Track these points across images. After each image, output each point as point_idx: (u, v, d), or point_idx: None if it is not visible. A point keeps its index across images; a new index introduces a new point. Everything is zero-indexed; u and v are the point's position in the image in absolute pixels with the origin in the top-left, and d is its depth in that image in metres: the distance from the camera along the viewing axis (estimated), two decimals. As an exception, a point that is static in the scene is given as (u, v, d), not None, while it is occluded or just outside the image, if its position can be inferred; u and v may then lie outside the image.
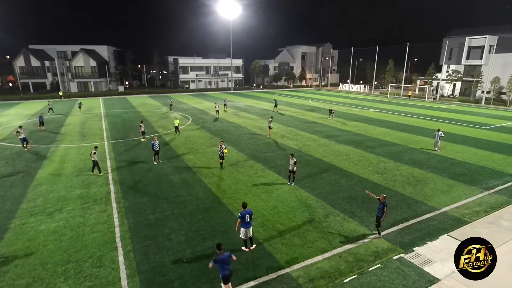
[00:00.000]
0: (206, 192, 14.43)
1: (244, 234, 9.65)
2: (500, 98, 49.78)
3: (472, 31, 55.69)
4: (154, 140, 18.37)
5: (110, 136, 25.95)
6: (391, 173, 16.83)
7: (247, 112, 39.61)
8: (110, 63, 76.24)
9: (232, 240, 10.37)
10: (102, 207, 12.88)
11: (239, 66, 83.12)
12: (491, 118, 35.38)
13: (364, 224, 11.48)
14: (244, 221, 9.50)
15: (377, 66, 68.54)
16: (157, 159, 18.55)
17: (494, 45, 51.42)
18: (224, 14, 67.53)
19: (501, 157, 19.99)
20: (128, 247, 10.04)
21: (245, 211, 9.56)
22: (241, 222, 9.50)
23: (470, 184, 15.37)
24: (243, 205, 9.69)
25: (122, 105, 47.79)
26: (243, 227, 9.56)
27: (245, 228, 9.58)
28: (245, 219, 9.51)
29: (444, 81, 58.34)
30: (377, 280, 8.50)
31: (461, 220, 11.78)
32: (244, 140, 24.21)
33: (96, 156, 16.32)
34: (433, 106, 46.48)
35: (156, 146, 18.11)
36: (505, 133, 27.21)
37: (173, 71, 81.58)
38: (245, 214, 9.51)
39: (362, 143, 23.20)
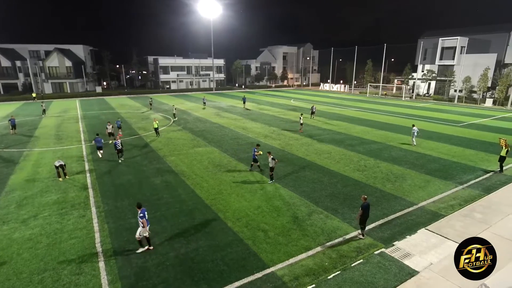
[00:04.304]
0: (189, 193, 14.25)
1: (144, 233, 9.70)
2: (471, 96, 52.27)
3: (445, 33, 58.12)
4: (116, 139, 18.91)
5: (88, 138, 25.11)
6: (371, 170, 17.28)
7: (230, 112, 39.48)
8: (86, 63, 73.77)
9: (216, 242, 10.31)
10: (80, 212, 12.44)
11: (221, 66, 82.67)
12: (463, 116, 37.07)
13: (346, 220, 11.73)
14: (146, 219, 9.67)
15: (356, 66, 70.26)
16: (121, 157, 18.95)
17: (465, 46, 53.99)
18: (204, 14, 67.02)
19: (473, 152, 20.99)
20: (109, 253, 9.76)
21: (143, 209, 9.71)
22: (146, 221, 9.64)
23: (445, 179, 16.04)
24: (138, 205, 9.80)
25: (100, 106, 46.36)
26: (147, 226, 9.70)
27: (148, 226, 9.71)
28: (146, 217, 9.65)
29: (420, 80, 60.57)
30: (360, 275, 8.70)
31: (438, 214, 12.27)
32: (227, 141, 24.11)
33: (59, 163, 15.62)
34: (409, 105, 48.13)
35: (118, 145, 18.54)
36: (476, 130, 28.59)
37: (153, 71, 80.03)
38: (145, 212, 9.68)
39: (343, 142, 23.68)
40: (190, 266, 9.11)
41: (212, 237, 10.63)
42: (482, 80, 48.67)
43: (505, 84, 46.80)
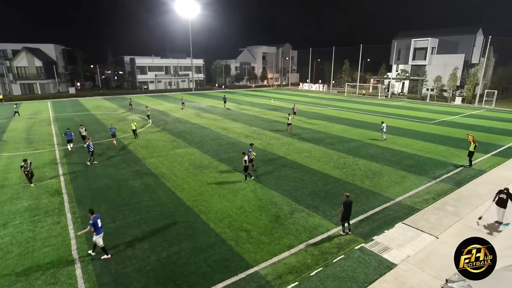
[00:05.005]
0: (169, 196, 14.00)
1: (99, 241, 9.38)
2: (442, 95, 54.80)
3: (417, 34, 60.51)
4: (89, 141, 18.60)
5: (61, 141, 24.06)
6: (350, 168, 17.71)
7: (210, 112, 39.14)
8: (58, 63, 70.48)
9: (199, 244, 10.19)
10: (54, 219, 11.90)
11: (200, 66, 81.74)
12: (435, 114, 38.79)
13: (327, 218, 11.95)
14: (97, 227, 9.28)
15: (334, 66, 71.78)
16: (92, 161, 18.50)
17: (435, 47, 56.56)
18: (182, 13, 65.96)
19: (445, 148, 22.02)
20: (87, 260, 9.40)
21: (95, 216, 9.36)
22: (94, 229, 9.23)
23: (419, 174, 16.72)
24: (91, 211, 9.48)
25: (74, 108, 44.55)
26: (99, 233, 9.32)
27: (100, 234, 9.37)
28: (98, 224, 9.32)
29: (394, 80, 62.78)
30: (341, 270, 8.90)
31: (413, 208, 12.77)
32: (208, 141, 23.90)
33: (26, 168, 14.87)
34: (385, 103, 49.77)
35: (91, 147, 18.22)
36: (447, 127, 30.02)
37: (130, 72, 77.82)
38: (96, 220, 9.30)
39: (323, 140, 24.11)
40: (172, 270, 8.95)
41: (194, 239, 10.50)
42: (451, 80, 51.15)
43: (472, 83, 49.47)
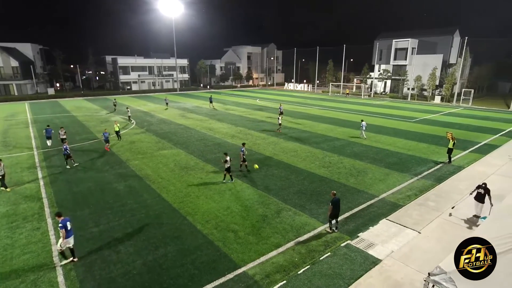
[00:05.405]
0: (155, 198, 13.78)
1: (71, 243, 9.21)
2: (422, 94, 56.49)
3: (398, 35, 62.14)
4: (65, 144, 18.07)
5: (41, 144, 23.23)
6: (335, 166, 17.98)
7: (195, 113, 38.79)
8: (36, 63, 68.04)
9: (186, 246, 10.09)
10: (34, 225, 11.48)
11: (185, 66, 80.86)
12: (416, 112, 39.94)
13: (314, 216, 12.09)
14: (67, 229, 9.05)
15: (318, 66, 72.73)
16: (71, 164, 18.06)
17: (415, 47, 58.24)
18: (165, 13, 65.00)
19: (426, 146, 22.71)
20: (69, 266, 9.11)
21: (64, 219, 9.13)
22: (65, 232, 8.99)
23: (402, 171, 17.17)
24: (58, 214, 9.22)
25: (53, 109, 43.10)
26: (68, 236, 9.08)
27: (70, 237, 9.15)
28: (68, 227, 9.09)
29: (377, 79, 64.21)
30: (328, 267, 9.02)
31: (396, 204, 13.10)
32: (194, 142, 23.67)
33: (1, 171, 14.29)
34: (368, 103, 50.81)
35: (67, 150, 17.70)
36: (428, 125, 30.98)
37: (112, 72, 76.04)
38: (66, 222, 9.06)
39: (308, 140, 24.36)
40: (159, 273, 8.81)
41: (181, 241, 10.37)
42: (431, 79, 52.84)
43: (450, 82, 51.30)
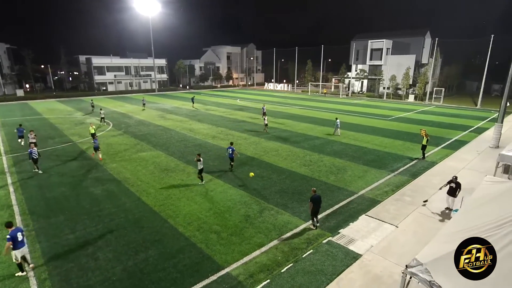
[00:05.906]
0: (134, 201, 13.42)
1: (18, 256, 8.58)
2: (397, 93, 58.56)
3: (373, 36, 64.10)
4: (31, 147, 16.95)
5: (10, 149, 22.02)
6: (316, 165, 18.27)
7: (175, 114, 38.15)
8: (3, 63, 64.40)
9: (168, 249, 9.90)
10: (4, 234, 10.84)
11: (163, 66, 79.35)
12: (391, 111, 41.35)
13: (296, 214, 12.22)
14: (16, 241, 8.46)
15: (298, 66, 73.66)
16: (37, 168, 17.11)
17: (390, 48, 60.27)
18: (142, 11, 63.47)
19: (401, 143, 23.57)
20: (43, 275, 8.70)
21: (15, 229, 8.61)
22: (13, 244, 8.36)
23: (379, 168, 17.72)
24: (8, 225, 8.65)
25: (23, 112, 40.95)
26: (17, 248, 8.48)
27: (20, 248, 8.58)
28: (18, 238, 8.50)
29: (354, 79, 65.90)
30: (311, 264, 9.16)
31: (375, 200, 13.50)
32: (174, 143, 23.27)
33: None
34: (346, 102, 52.03)
35: (34, 153, 16.71)
36: (403, 123, 32.16)
37: (86, 72, 73.28)
38: (16, 233, 8.47)
39: (289, 139, 24.60)
40: (140, 278, 8.59)
41: (162, 245, 10.17)
42: (405, 78, 54.90)
43: (423, 81, 53.53)
